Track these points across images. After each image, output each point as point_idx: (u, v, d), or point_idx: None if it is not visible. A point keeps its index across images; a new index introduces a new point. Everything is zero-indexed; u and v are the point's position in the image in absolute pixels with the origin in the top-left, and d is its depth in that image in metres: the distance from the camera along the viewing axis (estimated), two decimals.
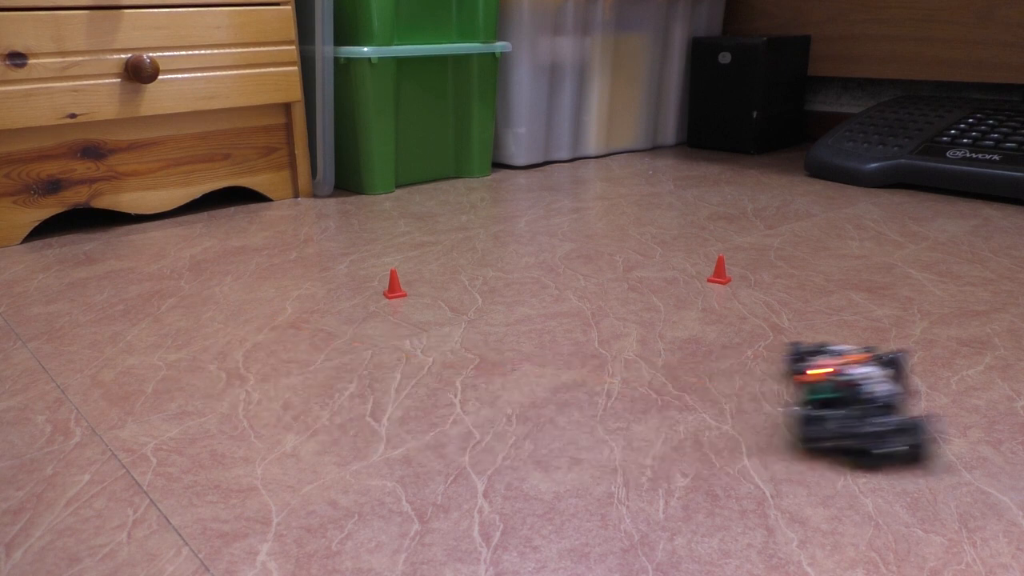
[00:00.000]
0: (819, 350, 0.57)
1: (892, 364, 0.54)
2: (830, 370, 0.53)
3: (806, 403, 0.53)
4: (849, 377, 0.52)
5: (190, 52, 1.10)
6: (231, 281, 0.88)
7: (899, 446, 0.49)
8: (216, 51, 1.13)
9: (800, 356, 0.56)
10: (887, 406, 0.51)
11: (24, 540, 0.44)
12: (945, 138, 1.30)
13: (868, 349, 0.56)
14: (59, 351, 0.70)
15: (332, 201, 1.27)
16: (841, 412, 0.51)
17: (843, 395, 0.52)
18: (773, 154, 1.67)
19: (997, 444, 0.52)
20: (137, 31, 1.05)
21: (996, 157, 1.21)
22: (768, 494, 0.47)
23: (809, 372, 0.54)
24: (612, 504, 0.46)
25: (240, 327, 0.75)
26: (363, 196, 1.30)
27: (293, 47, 1.20)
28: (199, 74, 1.12)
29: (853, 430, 0.50)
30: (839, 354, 0.56)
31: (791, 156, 1.64)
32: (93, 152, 1.07)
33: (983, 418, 0.56)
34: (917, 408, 0.58)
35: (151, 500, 0.48)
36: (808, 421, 0.51)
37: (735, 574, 0.40)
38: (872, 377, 0.52)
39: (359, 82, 1.24)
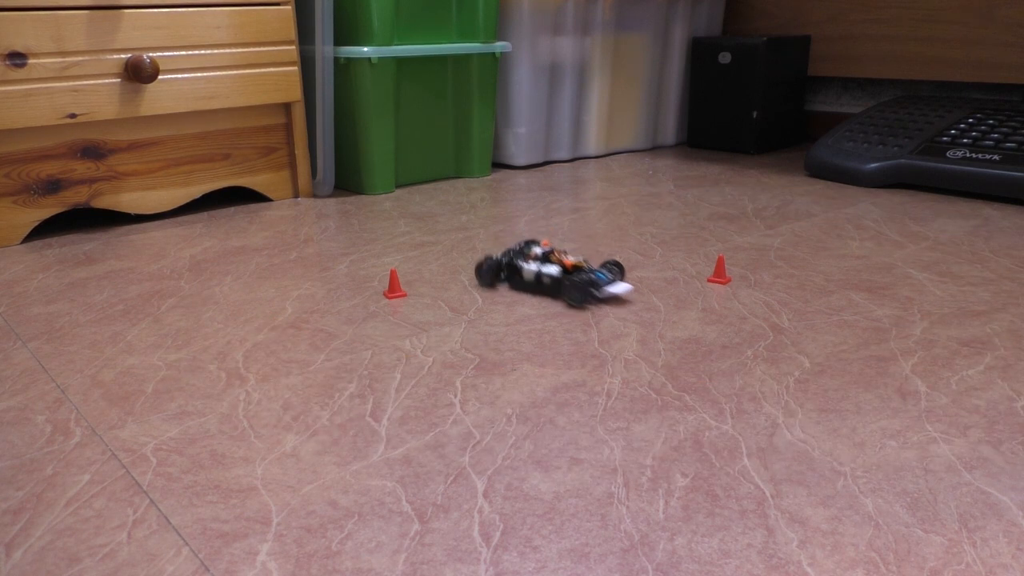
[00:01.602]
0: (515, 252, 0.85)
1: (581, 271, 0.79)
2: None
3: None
4: (523, 249, 0.84)
5: (190, 52, 1.10)
6: (231, 281, 0.88)
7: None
8: (216, 51, 1.13)
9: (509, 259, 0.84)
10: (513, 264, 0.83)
11: (24, 540, 0.44)
12: (945, 138, 1.30)
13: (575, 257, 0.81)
14: (59, 351, 0.70)
15: (332, 201, 1.27)
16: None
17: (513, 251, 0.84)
18: (773, 154, 1.67)
19: (997, 444, 0.52)
20: (137, 31, 1.05)
21: (996, 157, 1.21)
22: (768, 494, 0.47)
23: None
24: (612, 504, 0.46)
25: (240, 327, 0.75)
26: (363, 196, 1.31)
27: (293, 47, 1.20)
28: (199, 74, 1.12)
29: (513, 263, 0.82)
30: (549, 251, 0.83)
31: (791, 156, 1.64)
32: (93, 152, 1.07)
33: (983, 418, 0.56)
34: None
35: (151, 500, 0.48)
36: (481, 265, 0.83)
37: (735, 574, 0.40)
38: (533, 256, 0.83)
39: (359, 82, 1.24)
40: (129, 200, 1.12)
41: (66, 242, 1.05)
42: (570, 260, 0.79)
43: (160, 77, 1.08)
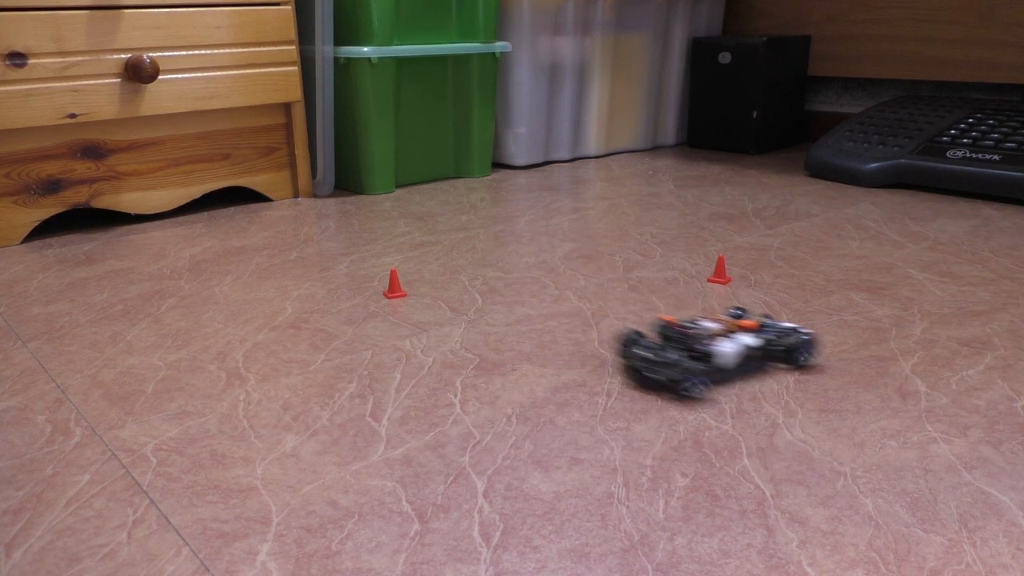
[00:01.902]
0: (739, 314, 0.68)
1: (782, 343, 0.63)
2: (675, 319, 0.64)
3: (644, 335, 0.63)
4: (690, 327, 0.62)
5: (190, 52, 1.10)
6: (231, 281, 0.88)
7: (658, 375, 0.58)
8: (216, 51, 1.13)
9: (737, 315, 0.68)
10: (692, 351, 0.60)
11: (24, 540, 0.44)
12: (945, 138, 1.30)
13: (765, 321, 0.65)
14: (59, 351, 0.70)
15: (332, 201, 1.27)
16: (657, 345, 0.60)
17: (672, 336, 0.62)
18: (773, 154, 1.67)
19: (997, 444, 0.52)
20: (137, 31, 1.05)
21: (996, 157, 1.21)
22: (768, 494, 0.47)
23: (665, 316, 0.65)
24: (612, 504, 0.46)
25: (240, 327, 0.75)
26: (363, 196, 1.31)
27: (293, 47, 1.20)
28: (199, 74, 1.12)
29: (638, 353, 0.59)
30: (738, 316, 0.67)
31: (791, 156, 1.64)
32: (93, 152, 1.07)
33: (983, 418, 0.56)
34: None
35: (151, 500, 0.48)
36: (630, 342, 0.61)
37: (735, 574, 0.40)
38: (715, 336, 0.61)
39: (359, 82, 1.24)
40: (129, 200, 1.12)
41: (66, 242, 1.05)
42: (746, 321, 0.64)
43: (160, 77, 1.08)
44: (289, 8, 1.18)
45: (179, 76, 1.10)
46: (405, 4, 1.27)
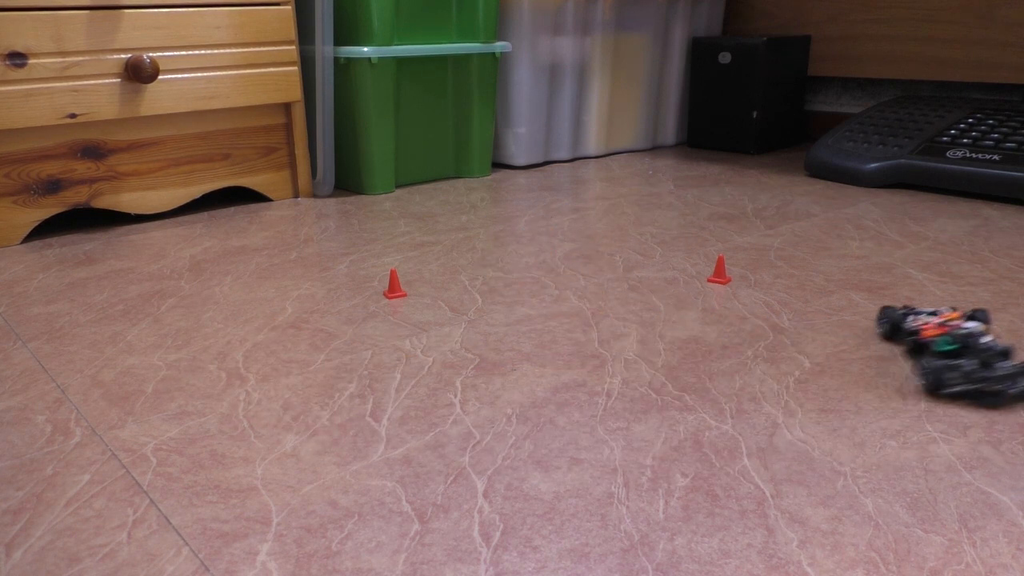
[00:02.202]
0: (911, 311, 0.67)
1: (979, 318, 0.66)
2: (942, 325, 0.63)
3: (934, 355, 0.61)
4: (966, 331, 0.61)
5: (190, 52, 1.10)
6: (231, 281, 0.88)
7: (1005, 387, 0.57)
8: (216, 51, 1.13)
9: (898, 318, 0.67)
10: (1003, 353, 0.59)
11: (24, 540, 0.44)
12: (945, 138, 1.30)
13: (954, 308, 0.65)
14: (59, 351, 0.70)
15: (332, 201, 1.27)
16: (969, 361, 0.58)
17: (964, 346, 0.60)
18: (773, 154, 1.67)
19: (997, 444, 0.52)
20: (137, 31, 1.05)
21: (996, 157, 1.21)
22: (768, 494, 0.47)
23: (927, 329, 0.63)
24: (612, 504, 0.46)
25: (240, 327, 0.75)
26: (363, 196, 1.31)
27: (293, 47, 1.20)
28: (199, 74, 1.12)
29: (985, 375, 0.57)
30: (933, 313, 0.66)
31: (791, 156, 1.64)
32: (93, 152, 1.07)
33: (983, 418, 0.56)
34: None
35: (151, 500, 0.48)
36: (944, 370, 0.58)
37: (735, 574, 0.40)
38: (979, 330, 0.62)
39: (359, 82, 1.24)
40: (129, 200, 1.12)
41: (66, 242, 1.05)
42: (935, 320, 0.64)
43: (160, 77, 1.08)
44: (289, 8, 1.18)
45: (179, 76, 1.10)
46: (405, 4, 1.27)
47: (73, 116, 1.03)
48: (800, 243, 0.99)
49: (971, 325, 0.62)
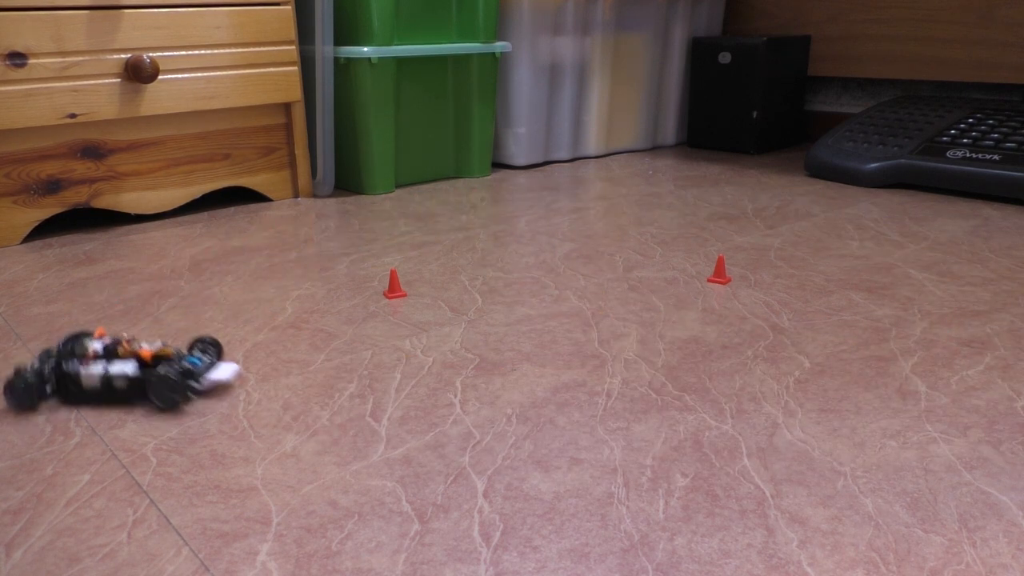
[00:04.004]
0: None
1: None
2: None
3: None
4: (72, 343, 0.61)
5: (190, 52, 1.10)
6: (231, 281, 0.88)
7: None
8: (216, 51, 1.13)
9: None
10: (59, 367, 0.60)
11: (24, 540, 0.44)
12: (945, 138, 1.30)
13: (160, 349, 0.61)
14: None
15: (332, 201, 1.27)
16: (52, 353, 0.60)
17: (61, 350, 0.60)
18: (773, 154, 1.67)
19: (997, 444, 0.52)
20: (137, 31, 1.05)
21: (996, 157, 1.21)
22: (768, 494, 0.47)
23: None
24: (612, 504, 0.46)
25: (240, 327, 0.75)
26: (363, 196, 1.31)
27: (293, 47, 1.20)
28: (199, 74, 1.12)
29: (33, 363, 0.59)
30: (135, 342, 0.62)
31: (791, 156, 1.64)
32: (93, 152, 1.07)
33: (983, 418, 0.56)
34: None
35: (151, 500, 0.48)
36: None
37: (735, 574, 0.40)
38: (93, 354, 0.60)
39: (359, 82, 1.24)
40: (129, 200, 1.12)
41: (66, 242, 1.05)
42: (147, 349, 0.60)
43: (160, 77, 1.08)
44: (289, 8, 1.18)
45: (179, 76, 1.10)
46: (405, 4, 1.27)
47: (73, 116, 1.03)
48: (800, 243, 0.99)
49: (95, 343, 0.61)
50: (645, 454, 0.52)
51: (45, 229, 1.12)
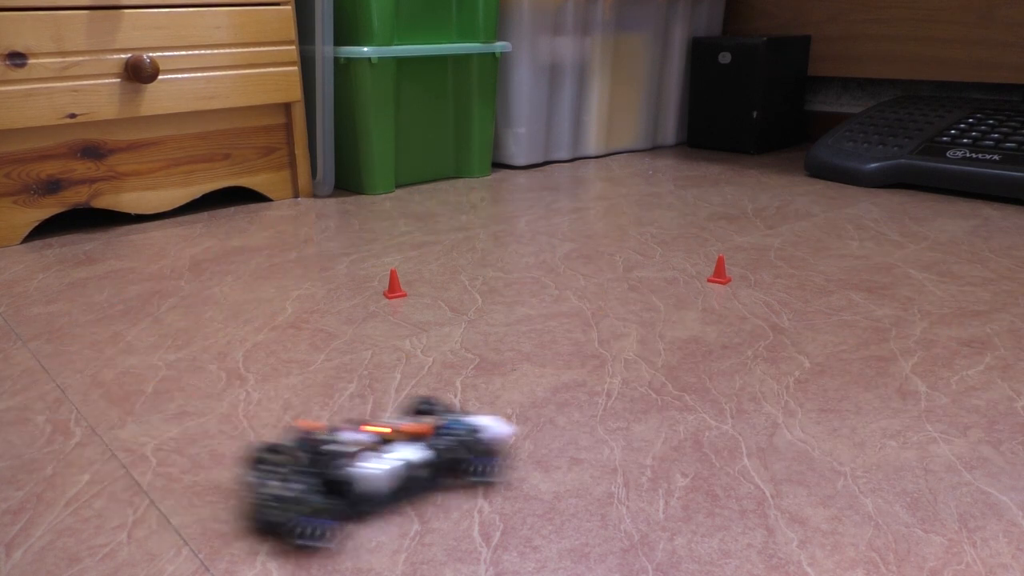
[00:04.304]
0: (429, 409, 0.51)
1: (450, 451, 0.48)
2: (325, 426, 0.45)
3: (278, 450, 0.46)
4: (324, 441, 0.46)
5: (190, 52, 1.10)
6: (231, 281, 0.88)
7: (271, 517, 0.42)
8: (216, 51, 1.13)
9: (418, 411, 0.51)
10: (327, 476, 0.44)
11: (24, 540, 0.44)
12: (945, 138, 1.30)
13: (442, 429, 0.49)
14: (59, 351, 0.70)
15: (332, 201, 1.27)
16: (287, 462, 0.45)
17: (310, 453, 0.45)
18: (773, 154, 1.67)
19: (997, 444, 0.52)
20: (137, 31, 1.05)
21: (996, 157, 1.21)
22: (768, 494, 0.47)
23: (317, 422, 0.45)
24: (612, 504, 0.46)
25: (240, 327, 0.75)
26: (363, 196, 1.30)
27: (293, 47, 1.20)
28: (199, 74, 1.12)
29: (261, 481, 0.44)
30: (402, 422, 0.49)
31: (791, 156, 1.64)
32: (93, 152, 1.07)
33: (983, 418, 0.56)
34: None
35: (151, 500, 0.48)
36: (258, 460, 0.46)
37: (735, 574, 0.40)
38: (354, 453, 0.45)
39: (359, 82, 1.24)
40: (129, 200, 1.12)
41: (66, 242, 1.05)
42: (412, 425, 0.49)
43: (160, 77, 1.08)
44: (289, 8, 1.18)
45: (179, 76, 1.10)
46: (405, 4, 1.27)
47: (73, 116, 1.03)
48: (800, 243, 0.99)
49: (353, 438, 0.46)
50: (645, 454, 0.52)
51: (45, 229, 1.12)
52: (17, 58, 0.97)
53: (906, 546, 0.42)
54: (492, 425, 0.49)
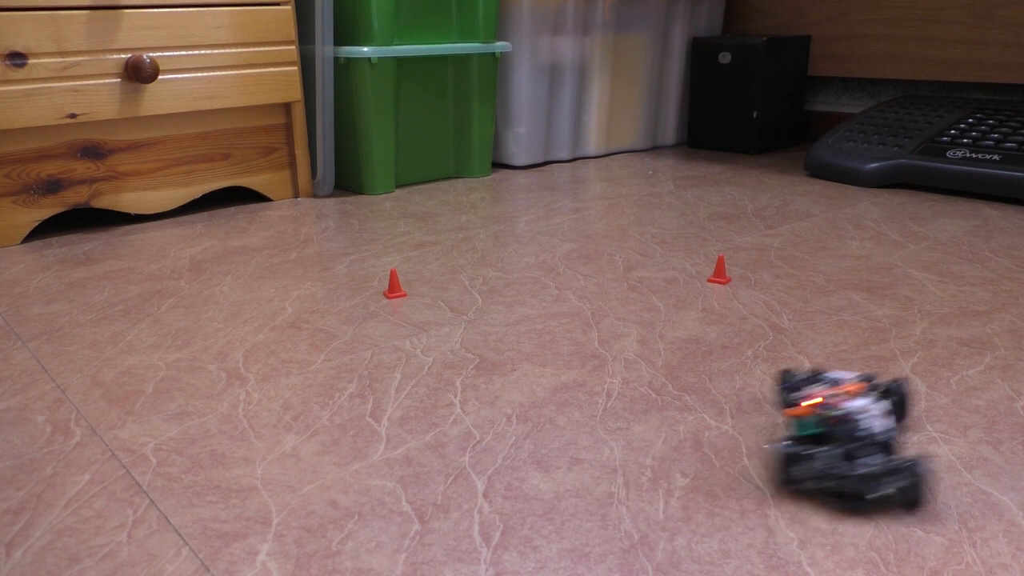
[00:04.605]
0: (814, 378, 0.53)
1: (891, 393, 0.52)
2: (819, 401, 0.49)
3: (793, 439, 0.48)
4: (841, 412, 0.47)
5: (190, 52, 1.10)
6: (231, 281, 0.88)
7: (889, 489, 0.44)
8: (216, 51, 1.13)
9: (794, 385, 0.53)
10: (880, 444, 0.46)
11: (24, 540, 0.44)
12: (945, 138, 1.30)
13: (866, 377, 0.52)
14: (59, 351, 0.70)
15: (332, 201, 1.27)
16: (828, 450, 0.46)
17: (833, 431, 0.47)
18: (773, 154, 1.67)
19: (997, 444, 0.52)
20: (137, 31, 1.05)
21: (996, 157, 1.21)
22: (768, 494, 0.47)
23: (801, 404, 0.49)
24: (612, 504, 0.46)
25: (240, 327, 0.75)
26: (363, 196, 1.31)
27: (293, 47, 1.20)
28: (199, 74, 1.12)
29: (840, 471, 0.45)
30: (834, 383, 0.52)
31: (791, 156, 1.64)
32: (93, 152, 1.07)
33: (983, 418, 0.56)
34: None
35: (151, 500, 0.48)
36: (791, 460, 0.46)
37: (735, 574, 0.40)
38: (866, 411, 0.47)
39: (359, 82, 1.24)
40: (129, 200, 1.12)
41: (66, 242, 1.05)
42: (855, 384, 0.52)
43: (160, 77, 1.08)
44: (289, 8, 1.18)
45: (179, 76, 1.10)
46: (405, 4, 1.27)
47: (73, 116, 1.03)
48: (800, 243, 0.99)
49: (853, 404, 0.48)
50: (645, 454, 0.52)
51: (45, 229, 1.12)
52: (17, 58, 0.97)
53: (906, 546, 0.42)
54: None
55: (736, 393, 0.60)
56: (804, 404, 0.49)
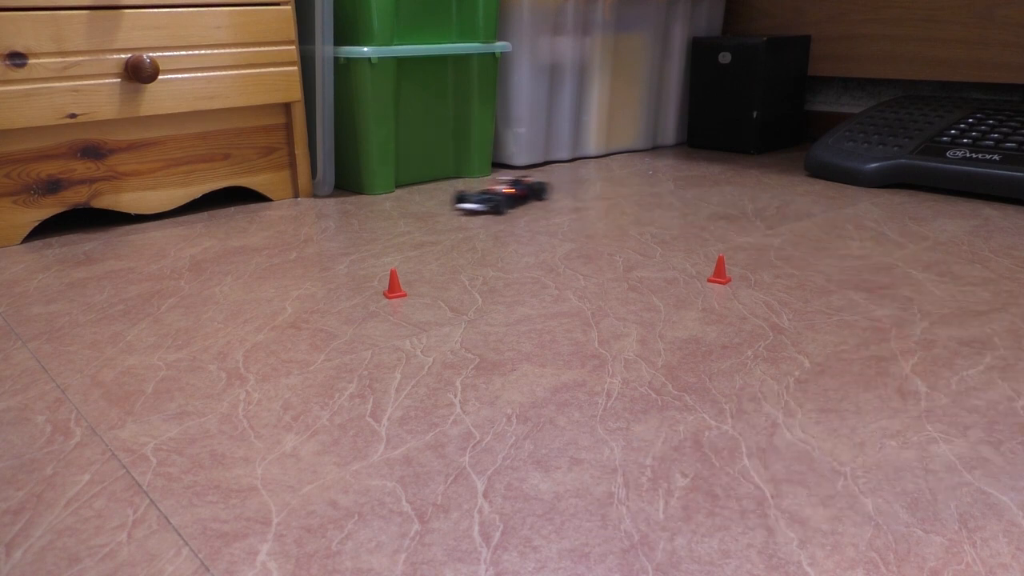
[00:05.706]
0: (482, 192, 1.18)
1: (533, 187, 1.22)
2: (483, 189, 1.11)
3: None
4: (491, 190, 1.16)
5: (190, 52, 1.10)
6: (231, 281, 0.88)
7: (497, 201, 1.14)
8: (216, 51, 1.13)
9: (466, 197, 1.16)
10: (500, 196, 1.14)
11: (24, 540, 0.44)
12: (945, 138, 1.30)
13: (515, 181, 1.19)
14: (59, 351, 0.70)
15: (332, 201, 1.27)
16: (477, 195, 1.14)
17: (483, 195, 1.14)
18: (773, 154, 1.67)
19: (997, 444, 0.52)
20: (137, 31, 1.05)
21: (996, 157, 1.21)
22: (768, 494, 0.47)
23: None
24: (612, 504, 0.46)
25: (240, 327, 0.75)
26: (363, 196, 1.31)
27: (293, 47, 1.20)
28: (199, 74, 1.12)
29: (479, 198, 1.14)
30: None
31: (791, 156, 1.64)
32: (93, 152, 1.07)
33: (983, 418, 0.56)
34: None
35: (151, 500, 0.48)
36: (460, 196, 1.14)
37: (735, 574, 0.40)
38: (499, 191, 1.16)
39: (359, 82, 1.24)
40: (129, 200, 1.12)
41: (66, 242, 1.05)
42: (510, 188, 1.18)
43: (160, 77, 1.08)
44: (289, 8, 1.18)
45: (179, 76, 1.10)
46: (405, 4, 1.27)
47: (73, 116, 1.03)
48: (800, 243, 0.99)
49: (498, 187, 1.17)
50: (645, 454, 0.52)
51: (45, 229, 1.12)
52: (17, 58, 0.97)
53: (906, 546, 0.42)
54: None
55: (736, 393, 0.60)
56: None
